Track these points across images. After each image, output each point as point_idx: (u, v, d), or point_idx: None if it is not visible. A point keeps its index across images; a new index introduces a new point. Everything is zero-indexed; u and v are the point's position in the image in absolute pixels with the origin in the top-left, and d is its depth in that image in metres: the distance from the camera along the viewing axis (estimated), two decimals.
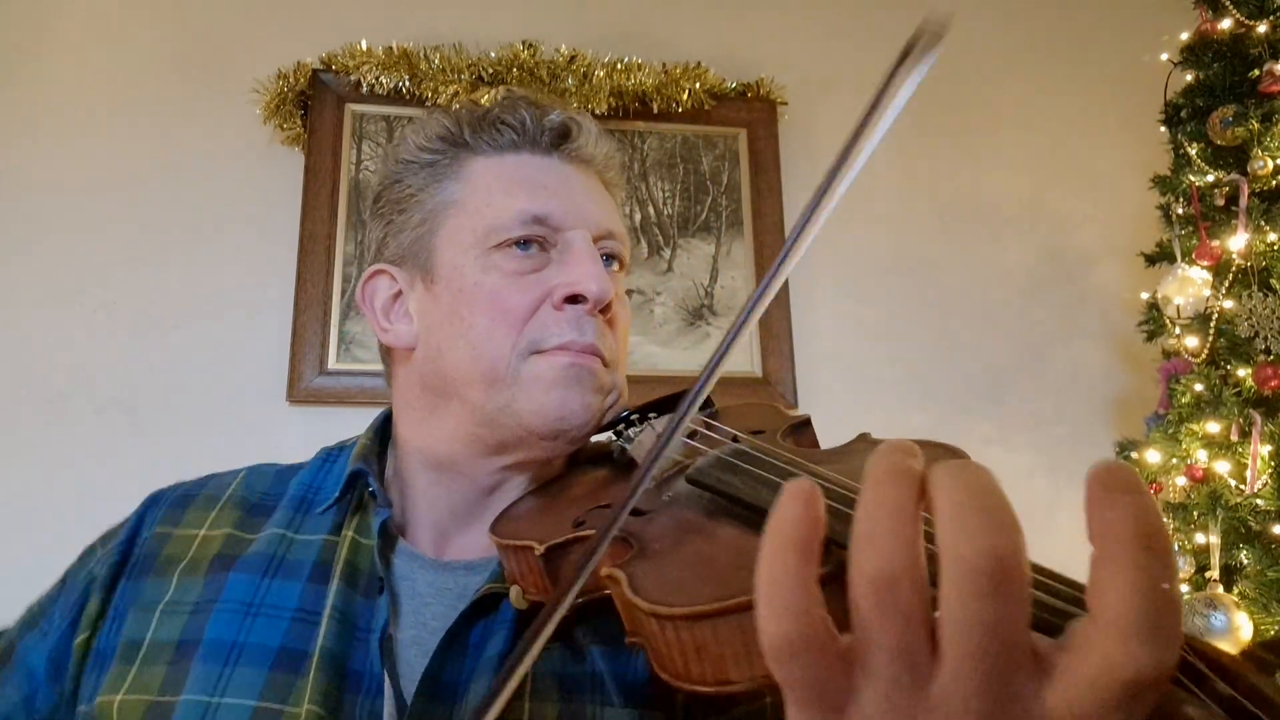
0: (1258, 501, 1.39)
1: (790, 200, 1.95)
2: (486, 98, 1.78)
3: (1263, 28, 1.55)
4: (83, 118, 1.77)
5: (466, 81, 1.80)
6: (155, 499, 0.71)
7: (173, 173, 1.77)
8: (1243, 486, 1.41)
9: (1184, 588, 1.47)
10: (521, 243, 0.64)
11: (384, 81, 1.78)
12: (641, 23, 2.00)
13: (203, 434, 1.65)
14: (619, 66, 1.86)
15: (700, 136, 1.96)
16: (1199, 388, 1.51)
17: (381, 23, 1.86)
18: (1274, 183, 1.50)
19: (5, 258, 1.68)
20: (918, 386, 1.92)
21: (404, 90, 1.79)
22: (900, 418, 1.89)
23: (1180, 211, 1.65)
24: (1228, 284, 1.52)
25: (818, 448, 0.64)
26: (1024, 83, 2.15)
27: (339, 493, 0.67)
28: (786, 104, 1.99)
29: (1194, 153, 1.62)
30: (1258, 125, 1.51)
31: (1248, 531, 1.43)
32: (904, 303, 1.97)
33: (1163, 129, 1.73)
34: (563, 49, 1.86)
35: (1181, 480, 1.54)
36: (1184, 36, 1.68)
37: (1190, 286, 1.56)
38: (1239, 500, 1.41)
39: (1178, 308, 1.57)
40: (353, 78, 1.79)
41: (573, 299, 0.63)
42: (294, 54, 1.81)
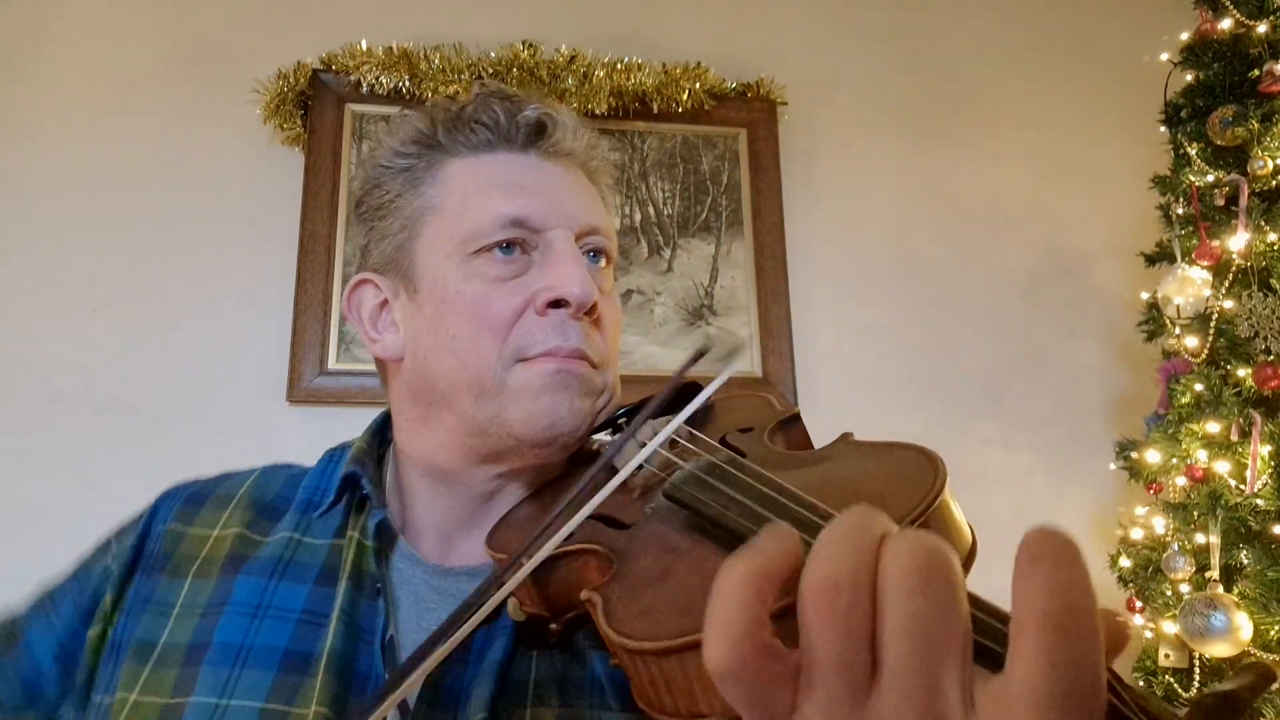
0: (1258, 501, 1.39)
1: (790, 200, 1.95)
2: (495, 84, 1.78)
3: (1263, 28, 1.55)
4: (83, 118, 1.77)
5: (466, 81, 1.80)
6: (169, 494, 0.71)
7: (173, 173, 1.77)
8: (1243, 486, 1.41)
9: (1184, 588, 1.47)
10: (503, 246, 0.63)
11: (384, 81, 1.78)
12: (641, 23, 2.00)
13: (203, 434, 1.65)
14: (619, 66, 1.86)
15: (700, 136, 1.96)
16: (1199, 388, 1.51)
17: (381, 23, 1.86)
18: (1274, 183, 1.50)
19: (5, 258, 1.68)
20: (918, 386, 1.92)
21: (404, 90, 1.79)
22: (900, 418, 1.90)
23: (1180, 211, 1.65)
24: (1228, 284, 1.52)
25: (808, 444, 0.63)
26: (1024, 83, 2.15)
27: (334, 495, 0.68)
28: (786, 104, 1.99)
29: (1194, 153, 1.62)
30: (1258, 125, 1.51)
31: (1248, 531, 1.43)
32: (904, 303, 1.97)
33: (1163, 129, 1.73)
34: (563, 49, 1.86)
35: (1181, 480, 1.54)
36: (1184, 36, 1.68)
37: (1190, 286, 1.56)
38: (1239, 500, 1.41)
39: (1178, 308, 1.57)
40: (353, 78, 1.79)
41: (556, 303, 0.62)
42: (294, 54, 1.81)
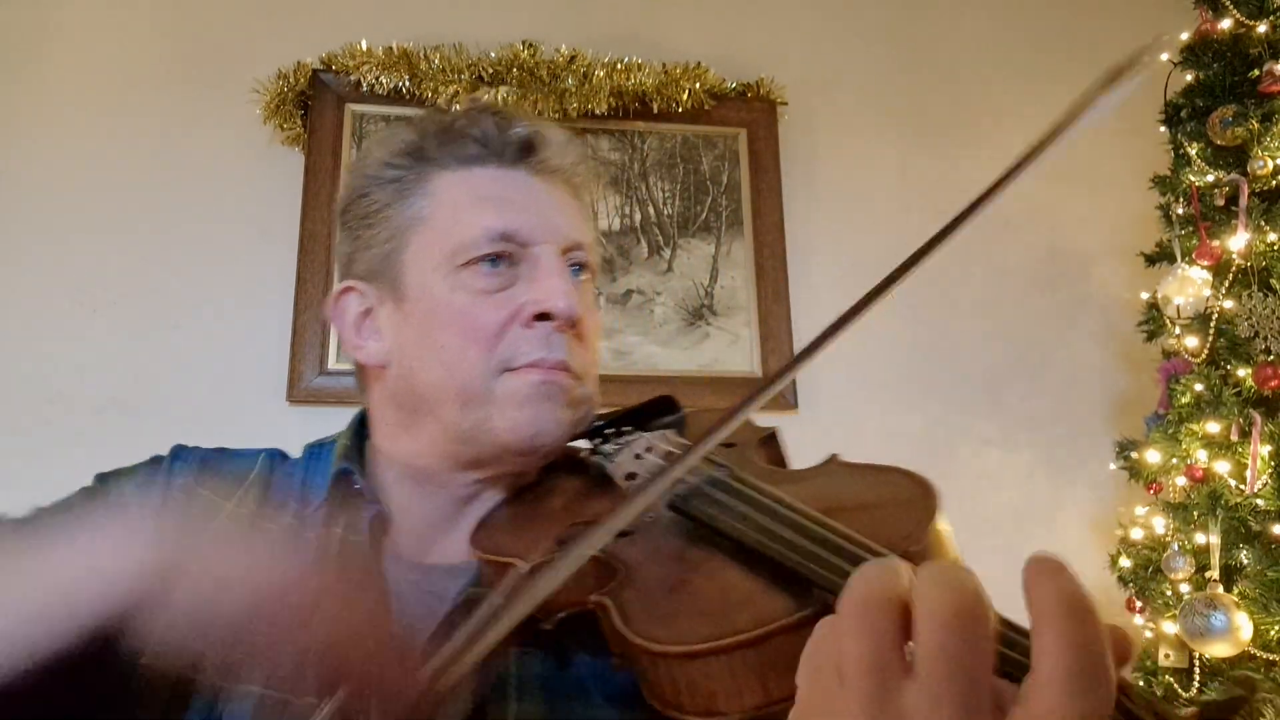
0: (1258, 501, 1.39)
1: (790, 200, 1.95)
2: (486, 98, 1.78)
3: (1263, 28, 1.55)
4: (83, 118, 1.77)
5: (466, 81, 1.80)
6: (178, 453, 0.72)
7: (173, 173, 1.77)
8: (1243, 486, 1.41)
9: (1184, 588, 1.47)
10: (490, 259, 0.64)
11: (384, 81, 1.78)
12: (641, 23, 2.00)
13: (203, 434, 1.64)
14: (619, 66, 1.86)
15: (700, 136, 1.96)
16: (1199, 388, 1.51)
17: (381, 23, 1.86)
18: (1274, 183, 1.50)
19: (5, 258, 1.68)
20: (918, 386, 1.92)
21: (404, 90, 1.79)
22: (900, 418, 1.90)
23: (1180, 211, 1.65)
24: (1228, 284, 1.52)
25: (783, 461, 0.66)
26: (1024, 83, 2.15)
27: (327, 490, 0.68)
28: (786, 104, 1.99)
29: (1194, 153, 1.62)
30: (1258, 125, 1.51)
31: (1248, 531, 1.43)
32: (904, 303, 1.97)
33: (1163, 129, 1.73)
34: (563, 49, 1.86)
35: (1181, 480, 1.54)
36: (1184, 36, 1.68)
37: (1190, 286, 1.56)
38: (1239, 500, 1.41)
39: (1178, 308, 1.57)
40: (353, 78, 1.79)
41: (542, 316, 0.63)
42: (294, 54, 1.81)
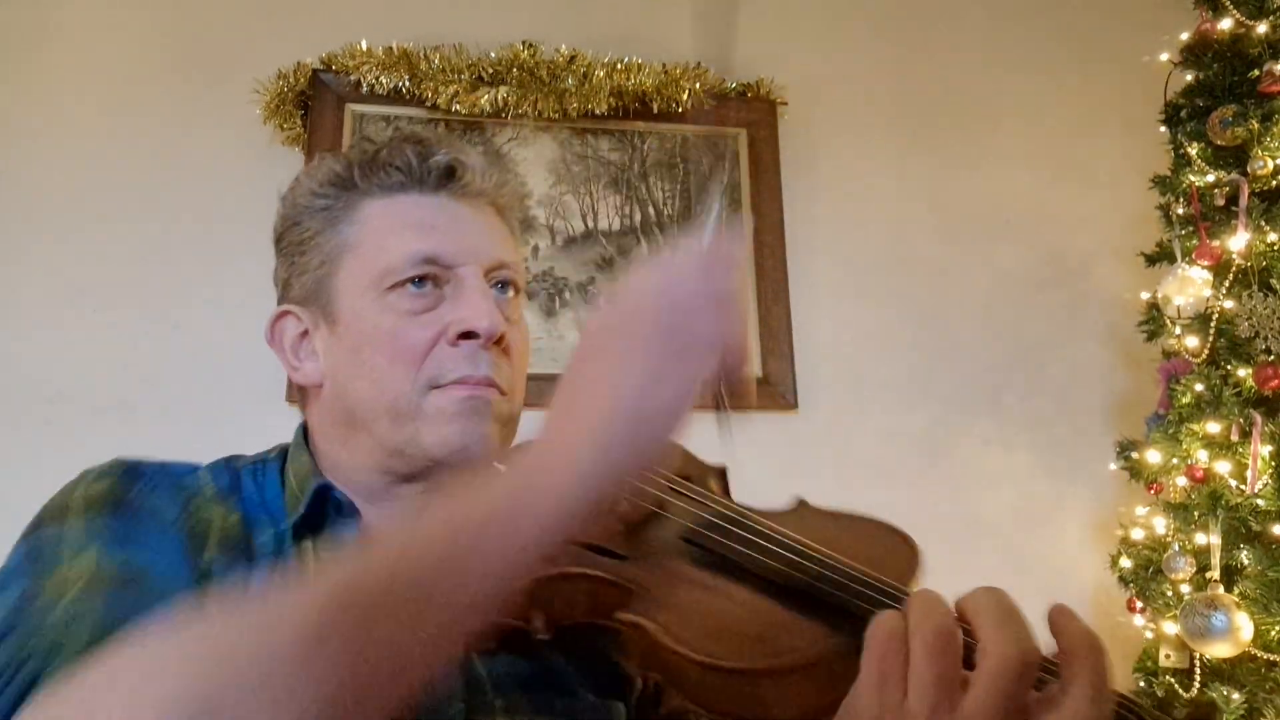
0: (1258, 502, 1.39)
1: (790, 200, 1.95)
2: (486, 98, 1.78)
3: (1263, 28, 1.55)
4: (83, 118, 1.77)
5: (466, 81, 1.80)
6: (137, 462, 0.69)
7: (173, 173, 1.77)
8: (1243, 487, 1.41)
9: (1185, 588, 1.47)
10: (415, 281, 0.67)
11: (384, 81, 1.78)
12: (641, 23, 2.00)
13: (202, 434, 1.64)
14: (619, 66, 1.85)
15: (700, 136, 1.96)
16: (1199, 388, 1.51)
17: (381, 23, 1.86)
18: (1274, 183, 1.50)
19: (5, 257, 1.68)
20: (918, 386, 1.92)
21: (404, 90, 1.79)
22: (900, 418, 1.89)
23: (1180, 211, 1.65)
24: (1228, 284, 1.52)
25: (729, 496, 0.72)
26: (1024, 83, 2.15)
27: (306, 508, 0.67)
28: (786, 104, 1.98)
29: (1194, 153, 1.62)
30: (1258, 125, 1.51)
31: (1248, 532, 1.43)
32: (904, 303, 1.97)
33: (1163, 129, 1.72)
34: (563, 49, 1.86)
35: (1182, 480, 1.54)
36: (1184, 36, 1.68)
37: (1190, 286, 1.56)
38: (1239, 500, 1.41)
39: (1178, 308, 1.57)
40: (353, 78, 1.79)
41: (466, 335, 0.66)
42: (294, 54, 1.80)
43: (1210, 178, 1.60)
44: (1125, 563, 1.65)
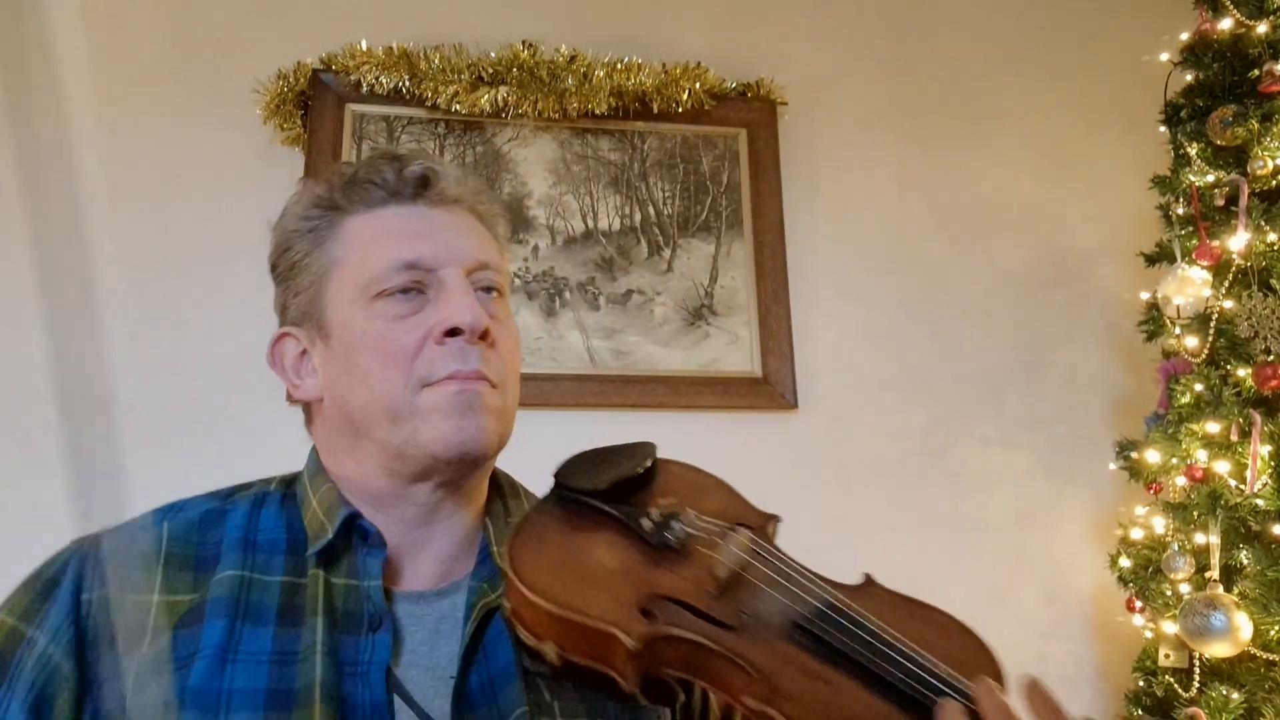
0: (1258, 501, 1.39)
1: (790, 200, 1.95)
2: (486, 98, 1.78)
3: (1263, 28, 1.55)
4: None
5: (466, 81, 1.80)
6: (81, 558, 0.68)
7: (173, 173, 1.77)
8: (1243, 486, 1.41)
9: (1184, 588, 1.47)
10: (401, 288, 0.70)
11: (384, 81, 1.78)
12: (641, 23, 2.00)
13: (202, 433, 1.65)
14: (619, 66, 1.86)
15: (700, 136, 1.96)
16: (1199, 388, 1.51)
17: (381, 23, 1.86)
18: (1274, 183, 1.50)
19: (5, 257, 1.68)
20: (918, 386, 1.92)
21: (404, 90, 1.79)
22: (900, 418, 1.90)
23: (1180, 211, 1.65)
24: (1228, 284, 1.52)
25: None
26: (1024, 83, 2.15)
27: (333, 535, 0.69)
28: (786, 104, 1.99)
29: (1194, 153, 1.62)
30: (1258, 125, 1.51)
31: (1248, 531, 1.43)
32: (904, 303, 1.97)
33: (1163, 129, 1.72)
34: (563, 49, 1.86)
35: (1181, 480, 1.54)
36: (1184, 36, 1.68)
37: (1190, 286, 1.56)
38: (1239, 500, 1.41)
39: (1178, 308, 1.57)
40: (353, 78, 1.79)
41: (451, 332, 0.69)
42: (294, 54, 1.81)
43: (1210, 178, 1.60)
44: (1125, 562, 1.65)
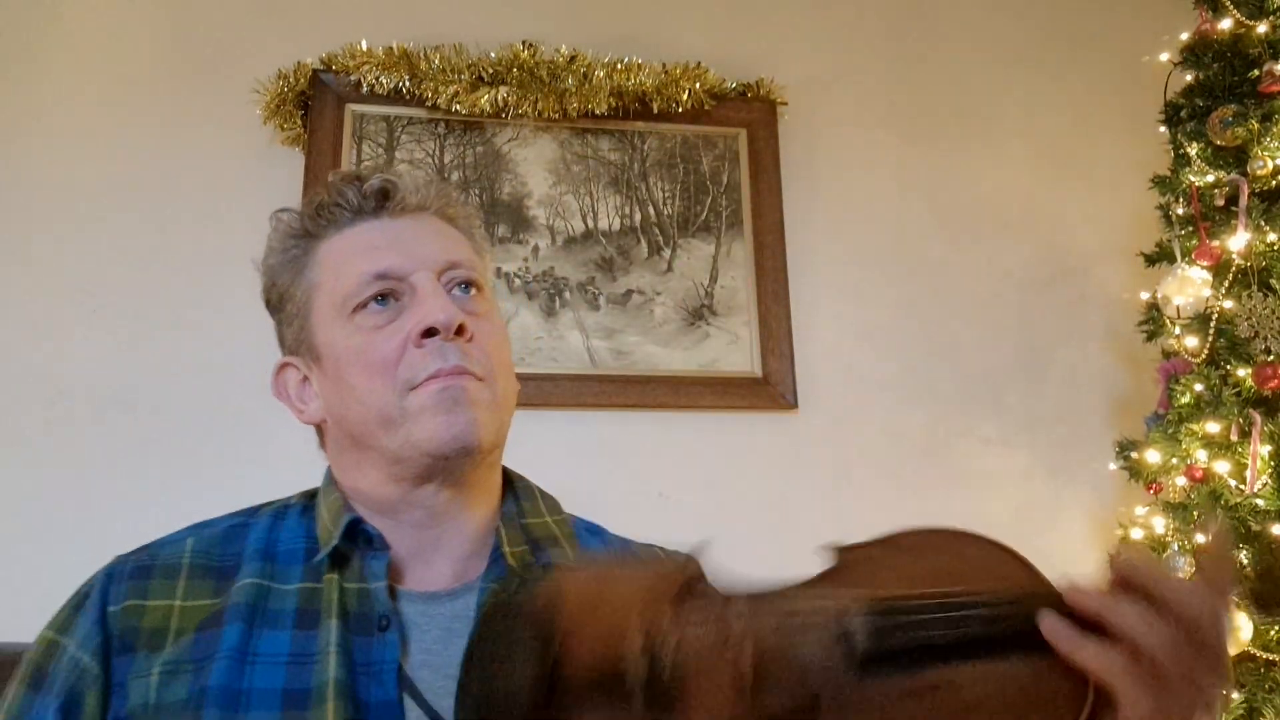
0: (1257, 501, 1.39)
1: (790, 200, 1.95)
2: (486, 98, 1.78)
3: (1263, 28, 1.55)
4: (83, 118, 1.77)
5: (466, 81, 1.80)
6: (110, 574, 0.71)
7: (173, 173, 1.77)
8: (1242, 486, 1.41)
9: None
10: (376, 299, 0.72)
11: (384, 82, 1.78)
12: (641, 23, 2.00)
13: (202, 433, 1.65)
14: (619, 66, 1.85)
15: (700, 136, 1.96)
16: (1199, 388, 1.51)
17: (381, 23, 1.86)
18: (1274, 183, 1.50)
19: (5, 257, 1.68)
20: (918, 386, 1.92)
21: (404, 90, 1.79)
22: (900, 418, 1.90)
23: (1180, 211, 1.65)
24: (1227, 284, 1.52)
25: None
26: (1023, 83, 2.15)
27: (339, 540, 0.71)
28: (786, 104, 1.99)
29: (1194, 153, 1.62)
30: (1258, 125, 1.51)
31: (1248, 531, 1.43)
32: (904, 303, 1.97)
33: (1163, 129, 1.72)
34: (563, 49, 1.86)
35: (1181, 480, 1.54)
36: (1184, 36, 1.68)
37: (1190, 286, 1.56)
38: (1239, 500, 1.41)
39: (1178, 308, 1.57)
40: (353, 78, 1.79)
41: (428, 333, 0.70)
42: (294, 54, 1.80)
43: (1210, 178, 1.60)
44: None
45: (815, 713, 0.49)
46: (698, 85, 1.89)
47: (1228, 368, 1.49)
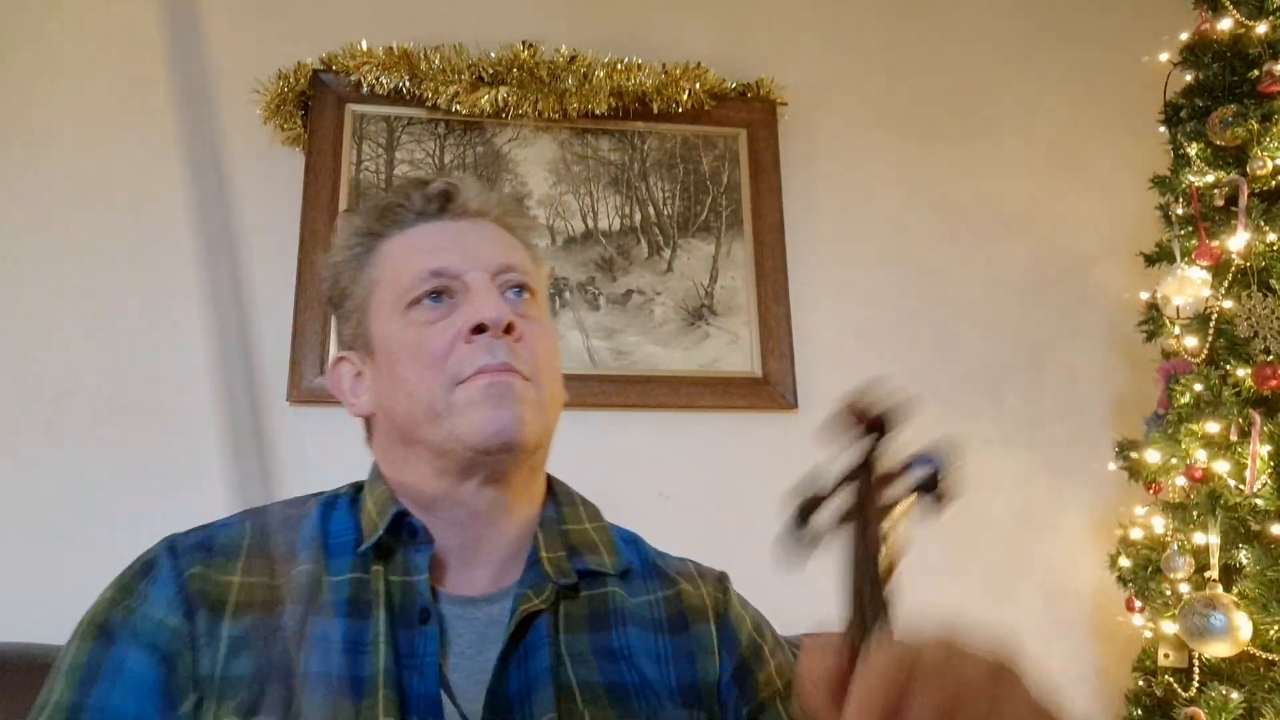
0: (1257, 501, 1.39)
1: (790, 200, 1.95)
2: (486, 98, 1.78)
3: (1263, 28, 1.55)
4: (83, 117, 1.77)
5: (466, 81, 1.80)
6: (171, 545, 0.73)
7: (173, 173, 1.77)
8: (1242, 486, 1.41)
9: (1184, 588, 1.47)
10: (431, 295, 0.75)
11: (384, 82, 1.78)
12: (641, 23, 2.00)
13: (202, 434, 1.65)
14: (619, 66, 1.85)
15: (700, 136, 1.96)
16: (1198, 388, 1.51)
17: (381, 23, 1.86)
18: (1273, 183, 1.50)
19: (5, 257, 1.68)
20: (918, 386, 1.92)
21: (404, 90, 1.79)
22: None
23: (1180, 212, 1.65)
24: (1227, 284, 1.52)
25: None
26: (1024, 82, 2.15)
27: (384, 531, 0.72)
28: (786, 104, 1.99)
29: (1194, 153, 1.62)
30: (1257, 125, 1.51)
31: (1247, 531, 1.43)
32: (904, 303, 1.97)
33: (1162, 129, 1.72)
34: (563, 49, 1.86)
35: (1181, 480, 1.54)
36: (1184, 37, 1.68)
37: (1190, 286, 1.56)
38: (1238, 500, 1.41)
39: (1177, 308, 1.57)
40: (353, 78, 1.79)
41: (478, 329, 0.72)
42: (294, 54, 1.80)
43: (1210, 178, 1.60)
44: (1124, 562, 1.65)
45: None
46: (698, 85, 1.89)
47: (1227, 368, 1.49)
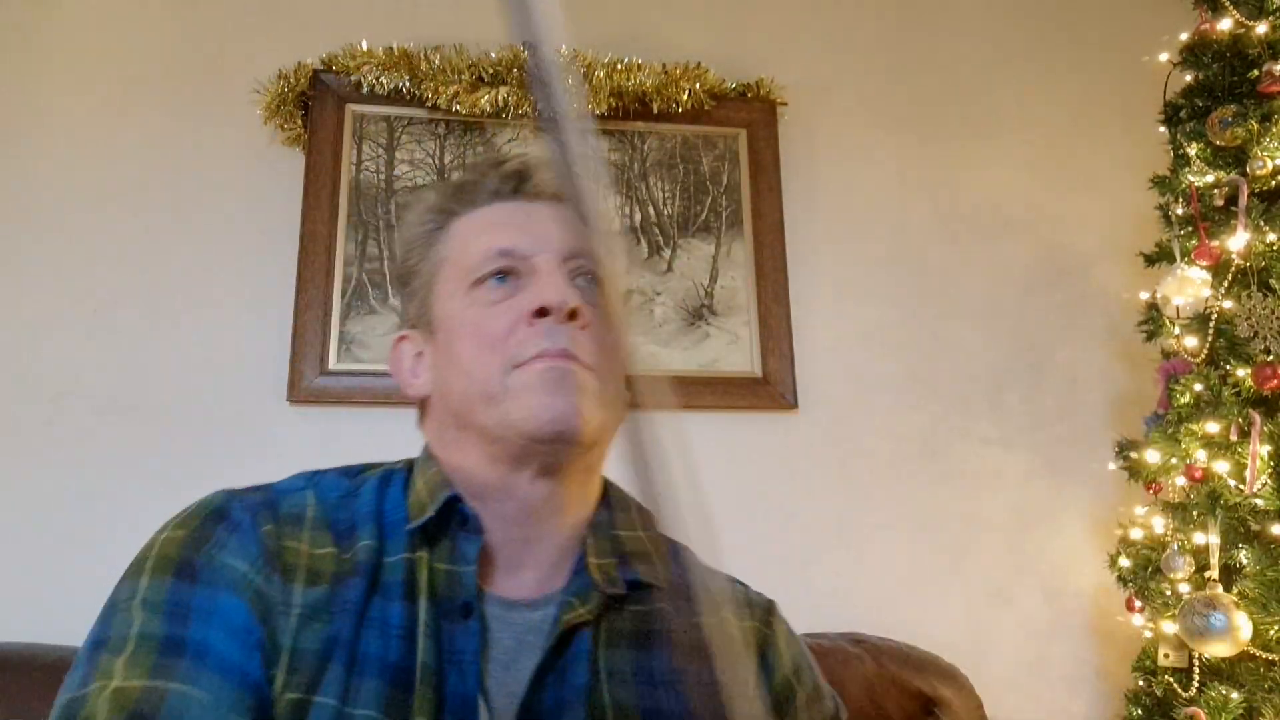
0: (1257, 501, 1.39)
1: (790, 200, 1.95)
2: (486, 98, 1.79)
3: (1263, 28, 1.55)
4: (83, 118, 1.77)
5: (466, 82, 1.80)
6: (230, 497, 0.68)
7: (173, 173, 1.77)
8: (1242, 486, 1.41)
9: (1184, 588, 1.47)
10: (497, 276, 0.72)
11: (384, 82, 1.78)
12: (641, 23, 2.00)
13: (203, 434, 1.65)
14: (619, 66, 1.86)
15: (700, 136, 1.96)
16: (1198, 388, 1.51)
17: (381, 23, 1.86)
18: (1273, 183, 1.50)
19: (5, 258, 1.68)
20: (918, 386, 1.92)
21: (404, 90, 1.79)
22: (900, 418, 1.90)
23: (1180, 211, 1.65)
24: (1227, 284, 1.52)
25: None
26: (1023, 82, 2.15)
27: (435, 513, 0.68)
28: (786, 104, 1.99)
29: (1193, 153, 1.62)
30: (1257, 125, 1.51)
31: (1247, 531, 1.43)
32: (904, 303, 1.97)
33: (1162, 129, 1.72)
34: (563, 49, 1.86)
35: (1181, 480, 1.54)
36: (1184, 36, 1.68)
37: (1189, 286, 1.56)
38: (1238, 500, 1.41)
39: (1177, 308, 1.57)
40: (353, 78, 1.79)
41: (540, 312, 0.69)
42: (294, 54, 1.81)
43: (1209, 178, 1.60)
44: (1124, 562, 1.65)
45: None
46: (698, 85, 1.89)
47: (1227, 368, 1.49)
